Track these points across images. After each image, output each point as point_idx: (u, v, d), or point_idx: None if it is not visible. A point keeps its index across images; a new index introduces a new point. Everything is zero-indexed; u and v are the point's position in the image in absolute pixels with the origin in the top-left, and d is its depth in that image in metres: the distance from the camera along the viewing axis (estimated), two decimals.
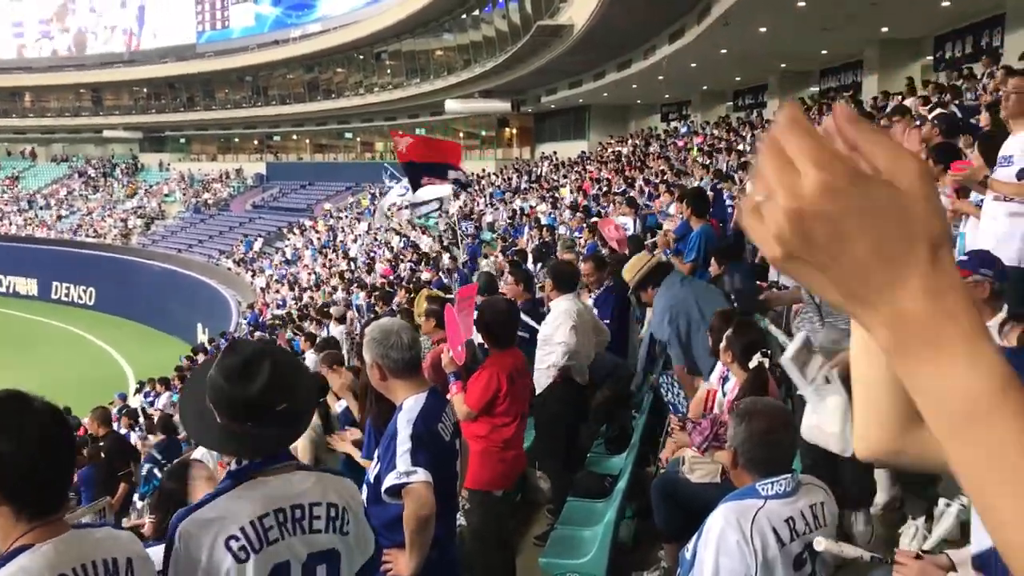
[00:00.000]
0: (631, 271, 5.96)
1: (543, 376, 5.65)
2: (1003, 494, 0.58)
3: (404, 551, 3.03)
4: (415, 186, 11.54)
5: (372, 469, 3.20)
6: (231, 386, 2.22)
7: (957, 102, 12.26)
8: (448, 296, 7.71)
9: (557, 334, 5.68)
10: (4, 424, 1.84)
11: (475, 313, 5.07)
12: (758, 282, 7.03)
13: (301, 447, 5.36)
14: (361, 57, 43.05)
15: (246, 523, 2.17)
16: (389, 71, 42.09)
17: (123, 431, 11.53)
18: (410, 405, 3.15)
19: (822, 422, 3.96)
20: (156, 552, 2.35)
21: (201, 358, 21.51)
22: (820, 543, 2.75)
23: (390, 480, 3.01)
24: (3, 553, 1.84)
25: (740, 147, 19.35)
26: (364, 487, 3.24)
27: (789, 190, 0.59)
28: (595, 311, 6.94)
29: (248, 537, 2.16)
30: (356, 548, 2.40)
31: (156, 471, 8.35)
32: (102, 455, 9.09)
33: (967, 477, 0.60)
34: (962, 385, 0.59)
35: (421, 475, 2.99)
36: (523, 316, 6.05)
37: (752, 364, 4.34)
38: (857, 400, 1.03)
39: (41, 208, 48.22)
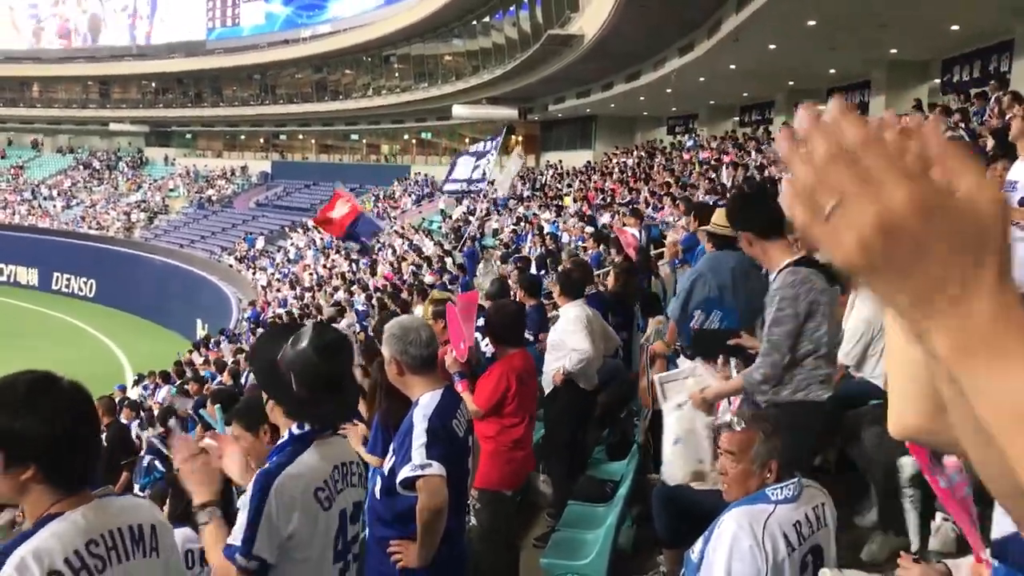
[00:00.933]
0: (721, 219, 5.43)
1: (551, 380, 5.72)
2: None
3: (414, 543, 3.10)
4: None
5: (387, 461, 3.26)
6: (324, 363, 2.62)
7: (964, 126, 12.36)
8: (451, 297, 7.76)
9: (571, 340, 5.71)
10: (36, 404, 1.92)
11: (478, 319, 5.14)
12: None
13: None
14: (370, 59, 43.16)
15: (327, 475, 2.62)
16: (397, 74, 42.20)
17: (124, 422, 11.58)
18: (426, 401, 3.23)
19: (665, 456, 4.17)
20: (179, 533, 2.47)
21: (201, 354, 21.56)
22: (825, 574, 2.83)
23: (405, 472, 3.08)
24: (36, 520, 1.93)
25: (746, 162, 19.44)
26: (377, 479, 3.31)
27: (879, 203, 0.62)
28: None
29: (329, 487, 2.61)
30: None
31: (157, 463, 8.41)
32: (104, 443, 9.14)
33: None
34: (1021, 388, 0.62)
35: (435, 468, 3.06)
36: None
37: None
38: (894, 377, 1.08)
39: (45, 198, 48.28)
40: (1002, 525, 1.13)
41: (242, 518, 2.46)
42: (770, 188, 5.40)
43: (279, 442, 2.72)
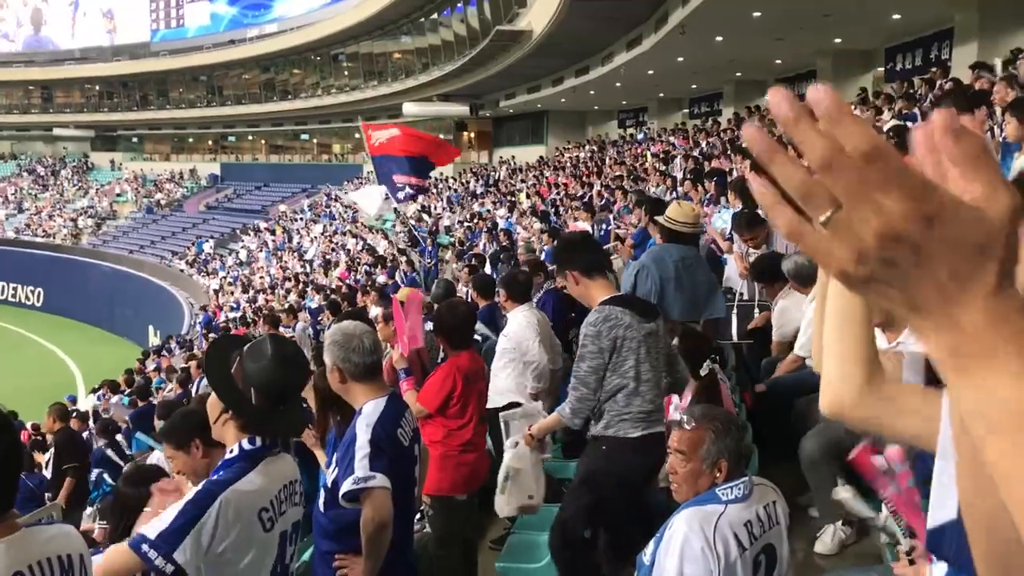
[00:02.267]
0: (676, 215, 5.59)
1: (499, 390, 5.59)
2: None
3: (360, 556, 3.03)
4: (383, 180, 11.54)
5: (330, 474, 3.19)
6: (283, 374, 2.59)
7: (911, 111, 12.53)
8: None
9: (528, 352, 5.58)
10: None
11: (424, 319, 5.07)
12: None
13: None
14: (318, 58, 42.79)
15: (273, 496, 2.55)
16: (346, 73, 41.87)
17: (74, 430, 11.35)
18: (369, 410, 3.15)
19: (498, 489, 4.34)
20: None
21: (152, 361, 21.21)
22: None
23: (347, 485, 3.01)
24: None
25: (695, 153, 19.55)
26: (321, 491, 3.23)
27: (880, 213, 0.61)
28: None
29: (273, 509, 2.52)
30: None
31: (105, 475, 8.23)
32: (51, 448, 8.99)
33: (1008, 479, 0.62)
34: (1013, 397, 0.61)
35: (379, 480, 2.99)
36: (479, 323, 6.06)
37: (703, 372, 4.36)
38: (827, 358, 1.07)
39: None
40: (936, 516, 1.12)
41: (168, 517, 2.34)
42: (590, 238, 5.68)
43: (227, 457, 2.60)
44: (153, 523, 2.36)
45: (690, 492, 2.87)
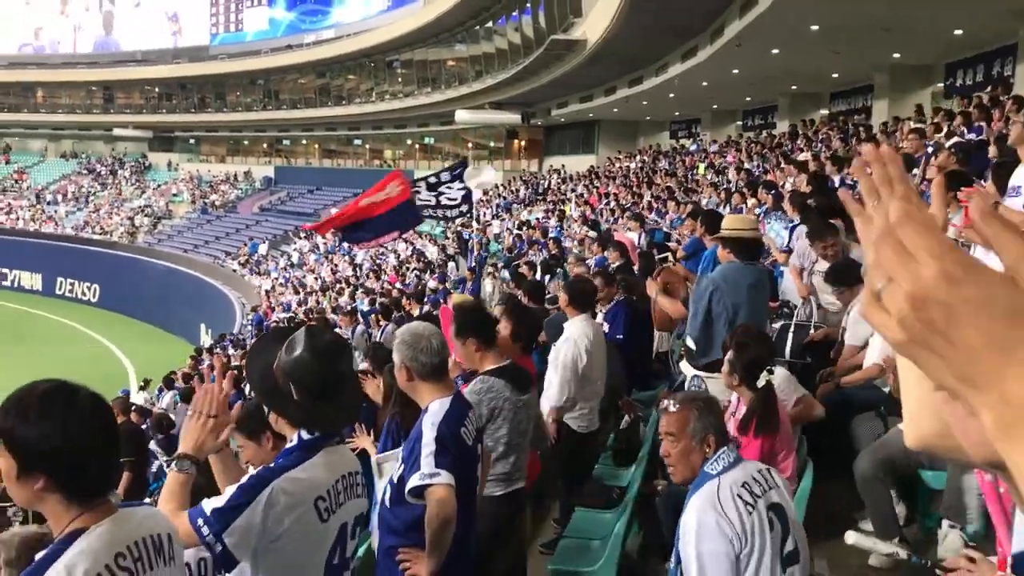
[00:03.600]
0: (731, 223, 5.64)
1: (547, 398, 5.67)
2: None
3: (423, 551, 3.10)
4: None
5: (396, 470, 3.26)
6: (321, 367, 2.51)
7: (967, 129, 12.35)
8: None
9: (579, 362, 5.66)
10: (55, 415, 1.90)
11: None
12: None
13: None
14: (373, 65, 43.25)
15: (330, 486, 2.49)
16: (400, 79, 42.27)
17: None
18: (435, 408, 3.23)
19: None
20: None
21: (205, 359, 21.57)
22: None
23: (414, 481, 3.08)
24: (59, 537, 1.91)
25: (748, 166, 19.45)
26: (387, 487, 3.31)
27: (911, 278, 0.65)
28: (606, 326, 7.00)
29: (330, 499, 2.48)
30: None
31: (165, 468, 8.41)
32: None
33: None
34: None
35: (444, 477, 3.06)
36: None
37: (760, 383, 4.36)
38: (907, 391, 1.10)
39: (48, 203, 48.38)
40: (1020, 541, 1.14)
41: (227, 496, 2.36)
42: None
43: (286, 446, 2.62)
44: (213, 499, 2.38)
45: (685, 470, 3.02)
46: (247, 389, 12.00)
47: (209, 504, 2.35)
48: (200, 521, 2.33)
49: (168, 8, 51.96)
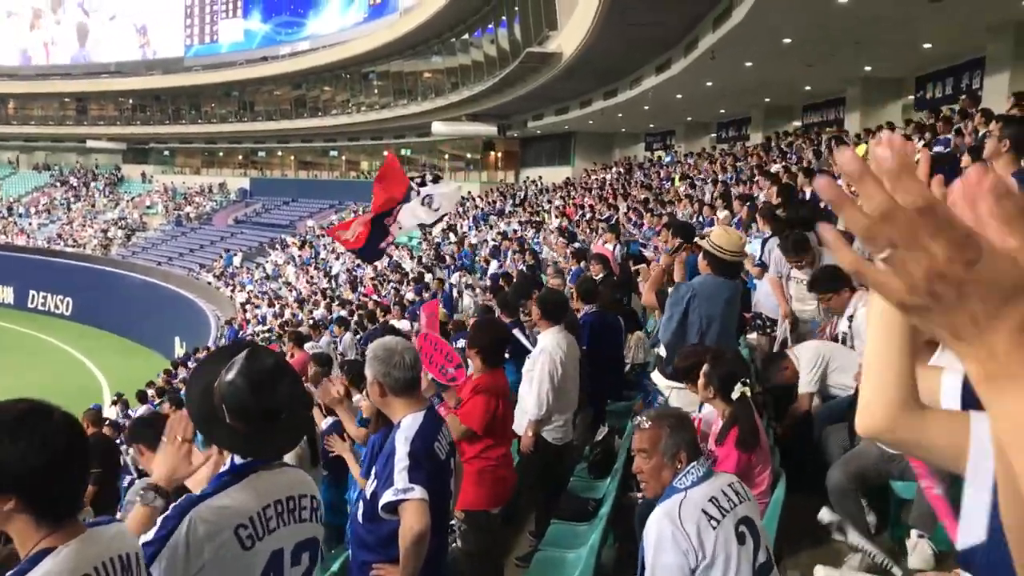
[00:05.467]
0: (721, 242, 5.50)
1: (523, 409, 5.68)
2: None
3: (397, 566, 3.10)
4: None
5: (369, 486, 3.26)
6: (254, 395, 2.37)
7: (938, 138, 12.53)
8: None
9: (553, 375, 5.66)
10: (21, 435, 1.89)
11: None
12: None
13: (288, 459, 5.42)
14: (349, 76, 43.21)
15: (254, 513, 2.35)
16: (377, 91, 42.26)
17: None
18: (408, 423, 3.22)
19: None
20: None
21: (180, 372, 21.40)
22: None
23: (387, 496, 3.08)
24: (26, 557, 1.89)
25: (722, 178, 19.59)
26: (359, 503, 3.31)
27: (928, 256, 0.72)
28: None
29: (254, 526, 2.35)
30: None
31: (137, 481, 8.32)
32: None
33: None
34: None
35: (418, 492, 3.06)
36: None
37: (735, 396, 4.40)
38: (866, 378, 1.16)
39: (20, 215, 47.88)
40: (966, 539, 1.18)
41: (152, 531, 2.29)
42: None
43: (220, 470, 2.52)
44: (146, 533, 2.31)
45: (657, 486, 3.07)
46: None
47: (144, 536, 2.29)
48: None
49: (136, 21, 51.66)
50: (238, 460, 2.47)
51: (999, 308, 0.72)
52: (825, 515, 3.62)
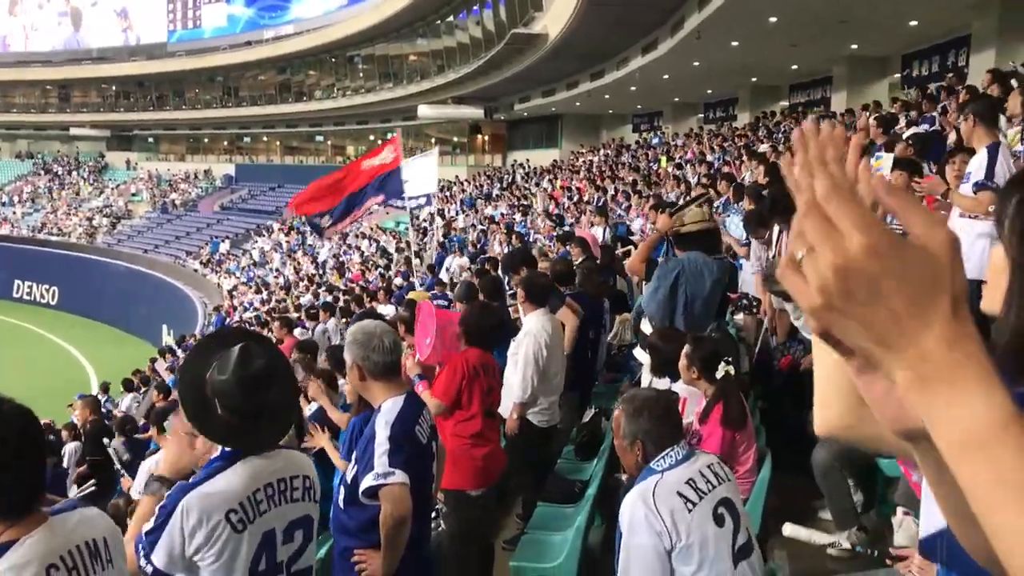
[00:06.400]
0: (691, 219, 5.50)
1: (508, 392, 5.64)
2: (1007, 512, 0.66)
3: (379, 551, 3.07)
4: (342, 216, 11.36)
5: (350, 471, 3.22)
6: (245, 396, 2.44)
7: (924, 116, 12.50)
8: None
9: (539, 357, 5.62)
10: None
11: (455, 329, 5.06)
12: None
13: None
14: (334, 60, 42.94)
15: (244, 498, 2.44)
16: (362, 75, 42.01)
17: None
18: (388, 407, 3.18)
19: None
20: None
21: (166, 360, 21.31)
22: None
23: (368, 481, 3.04)
24: None
25: (709, 159, 19.55)
26: (341, 488, 3.27)
27: (836, 249, 0.68)
28: None
29: (245, 510, 2.42)
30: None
31: (122, 471, 8.28)
32: (83, 438, 9.06)
33: (975, 496, 0.68)
34: (972, 416, 0.67)
35: (398, 477, 3.02)
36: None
37: (719, 375, 4.39)
38: (819, 378, 1.12)
39: (4, 204, 47.52)
40: (927, 525, 1.16)
41: (152, 519, 2.39)
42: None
43: (212, 456, 2.59)
44: (146, 524, 2.41)
45: (629, 466, 3.10)
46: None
47: (144, 528, 2.40)
48: (138, 544, 2.39)
49: (117, 5, 51.15)
50: (226, 449, 2.53)
51: (921, 302, 0.68)
52: (787, 529, 3.61)
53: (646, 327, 5.53)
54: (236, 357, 2.45)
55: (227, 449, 2.52)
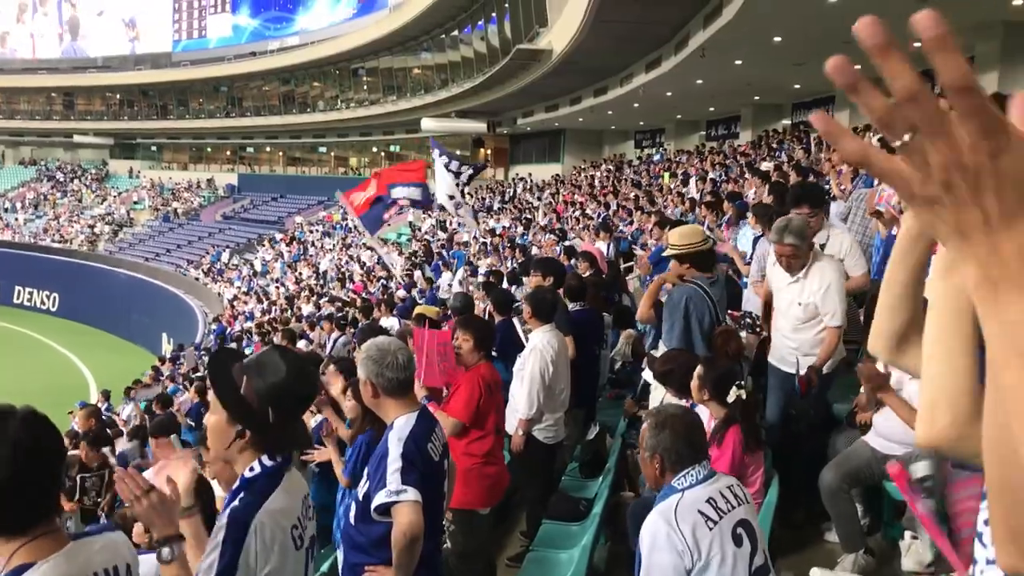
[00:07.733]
0: (684, 239, 5.51)
1: (513, 408, 5.65)
2: None
3: (390, 569, 3.06)
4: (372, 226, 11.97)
5: (361, 487, 3.22)
6: (298, 385, 2.43)
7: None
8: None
9: (545, 373, 5.62)
10: None
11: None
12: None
13: None
14: (338, 72, 43.05)
15: (299, 512, 2.43)
16: (366, 87, 42.12)
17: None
18: (401, 424, 3.18)
19: None
20: (144, 560, 2.34)
21: (167, 368, 21.29)
22: (814, 573, 2.90)
23: (380, 498, 3.04)
24: (5, 572, 1.78)
25: (712, 176, 19.60)
26: (352, 505, 3.27)
27: (951, 142, 0.67)
28: None
29: (301, 525, 2.41)
30: None
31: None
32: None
33: (1017, 397, 0.68)
34: None
35: (411, 494, 3.02)
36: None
37: (731, 399, 4.38)
38: (927, 388, 1.08)
39: (6, 211, 47.55)
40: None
41: (212, 560, 2.18)
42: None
43: (246, 476, 2.42)
44: (202, 561, 2.19)
45: (649, 481, 3.13)
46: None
47: (205, 561, 2.19)
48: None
49: (125, 14, 51.33)
50: (267, 462, 2.40)
51: (1015, 208, 0.67)
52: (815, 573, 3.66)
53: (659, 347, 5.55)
54: (278, 357, 2.42)
55: (268, 465, 2.41)
